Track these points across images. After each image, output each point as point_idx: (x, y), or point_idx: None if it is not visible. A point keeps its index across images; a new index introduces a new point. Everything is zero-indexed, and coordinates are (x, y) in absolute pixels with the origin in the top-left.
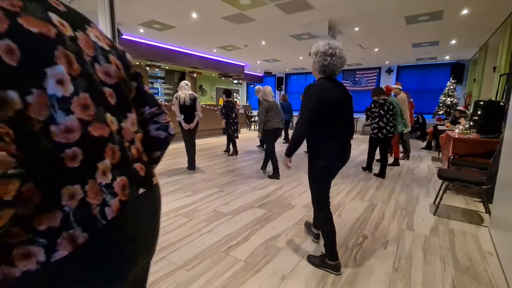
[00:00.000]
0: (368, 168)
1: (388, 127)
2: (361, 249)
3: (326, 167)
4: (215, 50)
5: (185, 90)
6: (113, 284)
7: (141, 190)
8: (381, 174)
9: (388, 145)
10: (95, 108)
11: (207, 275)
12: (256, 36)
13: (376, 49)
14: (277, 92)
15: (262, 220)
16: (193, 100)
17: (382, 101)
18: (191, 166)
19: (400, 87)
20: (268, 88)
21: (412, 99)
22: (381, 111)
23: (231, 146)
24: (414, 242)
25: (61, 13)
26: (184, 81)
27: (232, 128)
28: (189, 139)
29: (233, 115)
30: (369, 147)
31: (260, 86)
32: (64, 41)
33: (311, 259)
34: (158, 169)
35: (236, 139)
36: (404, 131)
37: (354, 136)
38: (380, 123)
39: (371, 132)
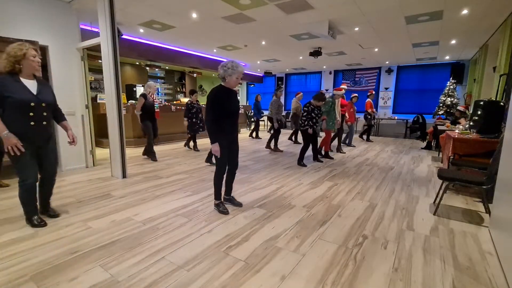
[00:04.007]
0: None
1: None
2: (361, 249)
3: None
4: (215, 50)
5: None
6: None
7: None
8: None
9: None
10: None
11: (207, 275)
12: (256, 36)
13: (376, 49)
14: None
15: (262, 220)
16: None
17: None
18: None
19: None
20: None
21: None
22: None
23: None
24: (414, 242)
25: None
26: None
27: (195, 127)
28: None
29: (193, 115)
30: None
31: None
32: None
33: (215, 207)
34: (158, 169)
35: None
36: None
37: (354, 136)
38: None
39: (307, 128)
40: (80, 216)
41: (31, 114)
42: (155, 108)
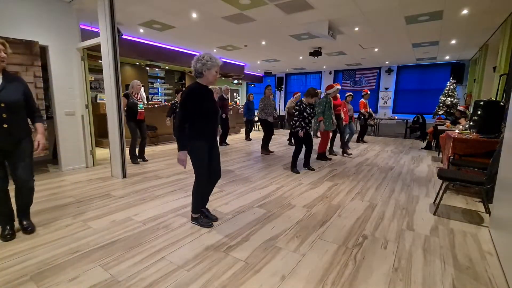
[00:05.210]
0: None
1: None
2: (361, 249)
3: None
4: (215, 50)
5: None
6: None
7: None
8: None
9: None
10: None
11: (207, 275)
12: (256, 36)
13: (376, 49)
14: (277, 92)
15: (262, 220)
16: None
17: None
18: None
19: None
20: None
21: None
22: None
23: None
24: (414, 242)
25: None
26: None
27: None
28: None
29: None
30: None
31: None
32: None
33: (195, 221)
34: (158, 169)
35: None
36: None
37: (353, 136)
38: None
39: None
40: (80, 216)
41: None
42: (139, 108)
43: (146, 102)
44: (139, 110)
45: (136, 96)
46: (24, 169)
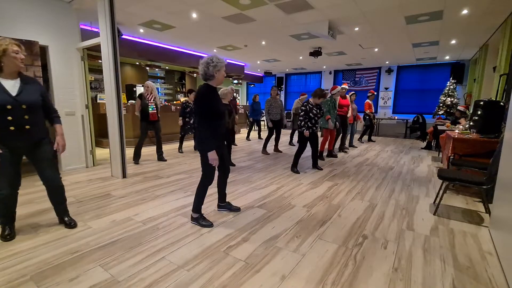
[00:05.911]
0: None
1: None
2: (361, 249)
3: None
4: (215, 50)
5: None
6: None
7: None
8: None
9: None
10: None
11: (207, 275)
12: (256, 36)
13: (376, 49)
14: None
15: (262, 220)
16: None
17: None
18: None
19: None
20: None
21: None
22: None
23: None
24: (414, 242)
25: None
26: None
27: (187, 127)
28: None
29: (187, 115)
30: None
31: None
32: None
33: (195, 221)
34: (158, 169)
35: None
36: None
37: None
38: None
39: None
40: (80, 216)
41: (10, 118)
42: (150, 109)
43: (158, 102)
44: (150, 111)
45: (148, 97)
46: (51, 169)
